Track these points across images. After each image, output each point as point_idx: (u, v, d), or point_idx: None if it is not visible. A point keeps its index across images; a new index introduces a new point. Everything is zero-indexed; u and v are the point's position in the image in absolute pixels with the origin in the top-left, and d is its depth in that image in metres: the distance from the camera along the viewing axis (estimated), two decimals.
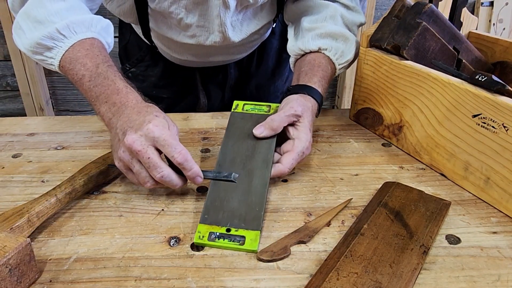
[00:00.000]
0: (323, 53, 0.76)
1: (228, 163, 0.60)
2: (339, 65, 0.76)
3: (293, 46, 0.80)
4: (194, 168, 0.54)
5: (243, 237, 0.50)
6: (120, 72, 0.63)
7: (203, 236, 0.50)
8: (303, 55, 0.78)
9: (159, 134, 0.52)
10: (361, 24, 0.83)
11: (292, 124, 0.63)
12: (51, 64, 0.65)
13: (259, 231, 0.51)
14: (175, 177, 0.54)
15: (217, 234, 0.51)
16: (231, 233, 0.51)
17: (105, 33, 0.68)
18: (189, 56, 0.88)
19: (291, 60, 0.81)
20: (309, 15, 0.82)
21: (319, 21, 0.79)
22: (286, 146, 0.62)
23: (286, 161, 0.60)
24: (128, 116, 0.55)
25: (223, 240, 0.50)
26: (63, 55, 0.63)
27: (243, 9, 0.79)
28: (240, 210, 0.54)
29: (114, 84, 0.60)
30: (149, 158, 0.52)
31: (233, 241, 0.50)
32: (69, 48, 0.63)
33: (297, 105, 0.64)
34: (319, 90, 0.70)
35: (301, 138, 0.62)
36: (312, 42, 0.76)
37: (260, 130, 0.63)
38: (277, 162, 0.61)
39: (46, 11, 0.64)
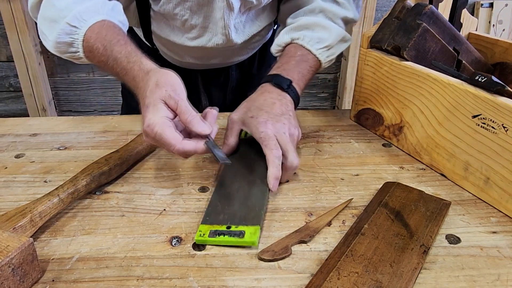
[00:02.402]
0: (296, 43, 0.76)
1: (231, 175, 0.62)
2: (317, 50, 0.76)
3: (272, 44, 0.81)
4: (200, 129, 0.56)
5: (243, 231, 0.51)
6: (129, 42, 0.64)
7: (204, 234, 0.51)
8: (282, 51, 0.79)
9: (154, 133, 0.54)
10: (347, 19, 0.82)
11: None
12: (81, 57, 0.66)
13: (259, 226, 0.52)
14: (188, 146, 0.54)
15: (218, 231, 0.51)
16: (231, 229, 0.51)
17: (113, 13, 0.69)
18: (191, 59, 0.88)
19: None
20: (293, 14, 0.83)
21: (299, 16, 0.81)
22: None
23: (268, 172, 0.59)
24: (140, 96, 0.58)
25: (224, 236, 0.50)
26: (83, 45, 0.64)
27: (246, 11, 0.80)
28: (241, 211, 0.54)
29: (123, 65, 0.62)
30: (160, 140, 0.54)
31: (233, 236, 0.50)
32: (84, 37, 0.64)
33: (257, 128, 0.62)
34: (275, 72, 0.71)
35: (267, 146, 0.60)
36: (286, 35, 0.78)
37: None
38: None
39: (56, 9, 0.65)
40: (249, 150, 0.66)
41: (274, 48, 0.81)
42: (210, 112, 0.60)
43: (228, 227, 0.52)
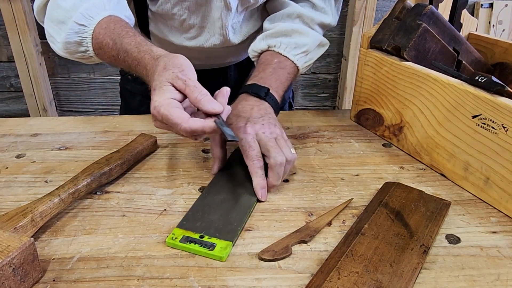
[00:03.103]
0: (273, 50, 0.76)
1: (220, 184, 0.61)
2: (295, 56, 0.76)
3: (249, 49, 0.81)
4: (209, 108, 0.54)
5: (214, 244, 0.49)
6: (137, 33, 0.63)
7: (175, 238, 0.50)
8: (259, 57, 0.79)
9: (160, 115, 0.52)
10: (324, 24, 0.82)
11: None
12: (91, 57, 0.66)
13: (232, 242, 0.50)
14: (195, 124, 0.52)
15: (190, 238, 0.50)
16: (203, 239, 0.50)
17: (119, 7, 0.68)
18: (189, 60, 0.89)
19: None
20: (270, 16, 0.83)
21: (276, 20, 0.80)
22: None
23: (254, 183, 0.59)
24: (150, 83, 0.57)
25: (194, 244, 0.49)
26: (92, 43, 0.64)
27: (243, 11, 0.80)
28: (218, 223, 0.53)
29: (134, 56, 0.60)
30: (167, 121, 0.52)
31: (203, 247, 0.49)
32: (93, 34, 0.64)
33: (237, 134, 0.61)
34: (252, 81, 0.71)
35: (247, 157, 0.60)
36: (263, 42, 0.77)
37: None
38: None
39: (62, 10, 0.64)
40: (242, 161, 0.64)
41: (250, 53, 0.81)
42: (220, 92, 0.58)
43: (201, 237, 0.51)
